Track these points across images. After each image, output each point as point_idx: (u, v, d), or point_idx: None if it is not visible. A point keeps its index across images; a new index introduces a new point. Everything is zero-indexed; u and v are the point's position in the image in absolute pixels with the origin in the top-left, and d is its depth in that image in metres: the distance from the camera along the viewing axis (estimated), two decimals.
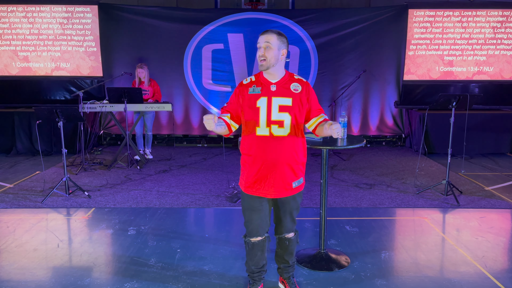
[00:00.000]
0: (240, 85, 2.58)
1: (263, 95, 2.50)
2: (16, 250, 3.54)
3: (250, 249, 2.74)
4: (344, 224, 4.12)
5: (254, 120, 2.50)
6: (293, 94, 2.52)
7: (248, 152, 2.58)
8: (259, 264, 2.78)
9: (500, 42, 7.55)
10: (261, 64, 2.48)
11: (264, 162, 2.53)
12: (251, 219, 2.66)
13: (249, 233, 2.71)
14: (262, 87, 2.52)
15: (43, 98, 7.67)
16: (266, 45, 2.47)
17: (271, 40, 2.47)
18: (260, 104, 2.50)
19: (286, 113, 2.50)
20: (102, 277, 3.12)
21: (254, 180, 2.57)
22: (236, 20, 7.45)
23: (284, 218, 2.71)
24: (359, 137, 3.40)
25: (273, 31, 2.50)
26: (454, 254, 3.49)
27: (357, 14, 7.47)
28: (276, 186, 2.56)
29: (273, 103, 2.49)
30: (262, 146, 2.52)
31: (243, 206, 2.70)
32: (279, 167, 2.54)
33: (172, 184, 5.44)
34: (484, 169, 6.24)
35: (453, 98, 4.74)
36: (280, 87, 2.52)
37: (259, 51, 2.49)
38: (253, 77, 2.60)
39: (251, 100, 2.52)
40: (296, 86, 2.54)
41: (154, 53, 7.52)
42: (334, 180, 5.61)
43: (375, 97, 7.74)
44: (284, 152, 2.53)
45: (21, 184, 5.39)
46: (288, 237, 2.77)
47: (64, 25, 7.44)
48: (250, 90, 2.53)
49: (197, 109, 7.76)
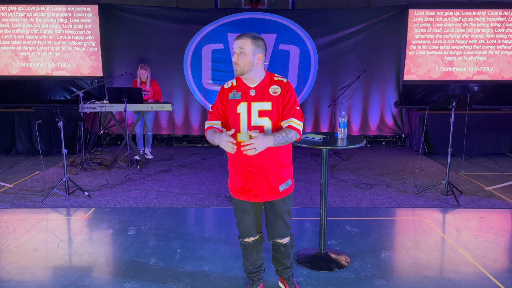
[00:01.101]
0: (222, 89, 2.51)
1: (243, 100, 2.44)
2: (16, 250, 3.54)
3: (244, 250, 2.74)
4: (344, 224, 4.12)
5: (235, 126, 2.44)
6: (272, 97, 2.43)
7: (232, 156, 2.53)
8: (256, 264, 2.79)
9: (500, 42, 7.55)
10: (235, 69, 2.40)
11: (247, 168, 2.48)
12: (242, 220, 2.64)
13: (241, 234, 2.70)
14: (242, 92, 2.45)
15: (43, 98, 7.67)
16: (239, 50, 2.37)
17: (245, 45, 2.36)
18: (240, 109, 2.43)
19: (266, 118, 2.43)
20: (102, 277, 3.12)
21: (240, 185, 2.54)
22: (236, 20, 7.45)
23: (275, 222, 2.64)
24: (359, 137, 3.39)
25: (248, 35, 2.38)
26: (454, 254, 3.49)
27: (357, 14, 7.47)
28: (262, 191, 2.52)
29: (253, 108, 2.42)
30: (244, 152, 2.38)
31: (233, 208, 2.68)
32: (262, 172, 2.48)
33: (172, 184, 5.44)
34: (484, 169, 6.24)
35: (453, 98, 4.74)
36: (259, 92, 2.44)
37: (233, 56, 2.40)
38: (234, 81, 2.52)
39: (231, 105, 2.46)
40: (275, 89, 2.44)
41: (154, 53, 7.53)
42: (334, 180, 5.61)
43: (375, 97, 7.74)
44: (266, 157, 2.45)
45: (21, 184, 5.39)
46: (283, 243, 2.72)
47: (64, 25, 7.45)
48: (230, 95, 2.46)
49: (197, 109, 7.76)
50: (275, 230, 2.67)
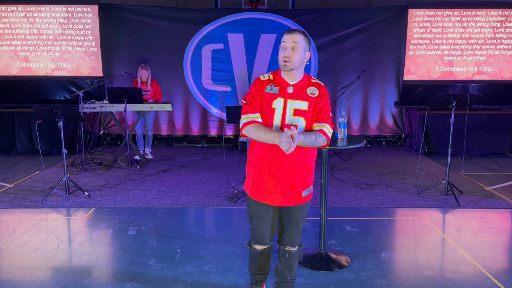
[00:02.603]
0: (259, 81, 2.39)
1: (280, 96, 2.35)
2: (16, 250, 3.54)
3: (253, 256, 2.65)
4: (344, 224, 4.12)
5: (268, 121, 2.36)
6: (310, 98, 2.37)
7: (257, 154, 2.42)
8: (261, 268, 2.72)
9: (500, 42, 7.55)
10: (285, 65, 2.31)
11: (275, 167, 2.39)
12: (258, 227, 2.54)
13: (255, 240, 2.59)
14: (280, 87, 2.37)
15: (43, 98, 7.67)
16: (293, 45, 2.30)
17: (299, 40, 2.31)
18: (276, 105, 2.35)
19: (301, 118, 2.36)
20: (102, 277, 3.12)
21: (262, 186, 2.43)
22: (236, 20, 7.45)
23: (289, 228, 2.55)
24: (359, 137, 3.39)
25: (300, 31, 2.35)
26: (454, 254, 3.49)
27: (357, 14, 7.47)
28: (285, 195, 2.42)
29: (289, 105, 2.35)
30: (274, 150, 2.35)
31: (249, 213, 2.56)
32: (290, 174, 2.39)
33: (172, 184, 5.44)
34: (484, 169, 6.24)
35: (453, 98, 4.74)
36: (297, 90, 2.37)
37: (285, 51, 2.31)
38: (270, 75, 2.42)
39: (267, 98, 2.36)
40: (313, 90, 2.39)
41: (154, 53, 7.53)
42: (334, 180, 5.61)
43: (375, 97, 7.74)
44: (296, 158, 2.38)
45: (21, 184, 5.39)
46: (289, 250, 2.60)
47: (64, 25, 7.44)
48: (267, 88, 2.36)
49: (197, 109, 7.76)
50: (287, 237, 2.58)
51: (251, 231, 2.60)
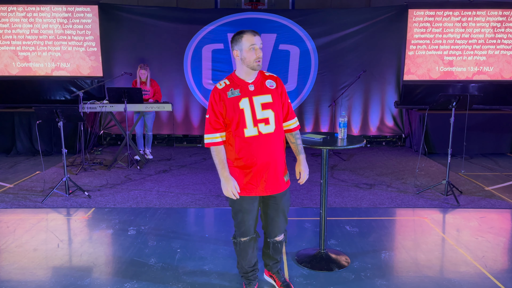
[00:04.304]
0: (216, 91, 2.52)
1: (243, 96, 2.50)
2: (16, 250, 3.54)
3: (241, 249, 2.76)
4: (344, 224, 4.12)
5: (240, 122, 2.49)
6: (271, 90, 2.56)
7: (239, 155, 2.54)
8: (251, 262, 2.82)
9: (500, 42, 7.55)
10: (259, 64, 2.49)
11: (257, 162, 2.53)
12: (244, 221, 2.66)
13: (241, 234, 2.71)
14: (240, 88, 2.51)
15: (43, 98, 7.67)
16: (261, 46, 2.49)
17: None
18: (243, 105, 2.49)
19: (269, 110, 2.53)
20: (102, 277, 3.12)
21: (248, 181, 2.57)
22: (236, 20, 7.45)
23: (277, 218, 2.71)
24: (359, 137, 3.40)
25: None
26: (454, 254, 3.49)
27: (357, 14, 7.47)
28: (271, 183, 2.59)
29: (255, 102, 2.51)
30: (253, 147, 2.51)
31: (234, 209, 2.68)
32: (272, 164, 2.57)
33: (172, 184, 5.44)
34: (484, 169, 6.24)
35: (453, 98, 4.74)
36: (258, 86, 2.54)
37: (259, 52, 2.46)
38: (226, 80, 2.56)
39: (232, 103, 2.49)
40: (271, 83, 2.58)
41: (154, 53, 7.53)
42: (334, 180, 5.61)
43: (375, 97, 7.74)
44: (274, 148, 2.56)
45: (21, 184, 5.39)
46: (280, 240, 2.80)
47: (64, 25, 7.45)
48: (228, 94, 2.50)
49: (197, 109, 7.77)
50: (276, 227, 2.74)
51: (237, 225, 2.71)
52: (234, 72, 2.57)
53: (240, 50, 2.47)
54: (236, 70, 2.56)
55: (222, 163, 2.53)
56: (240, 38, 2.46)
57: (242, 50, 2.46)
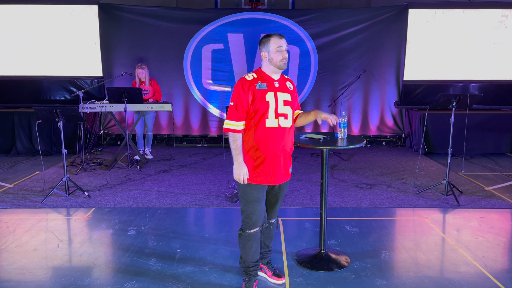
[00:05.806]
0: (245, 81, 2.69)
1: (270, 90, 2.71)
2: (16, 250, 3.54)
3: (246, 242, 2.83)
4: (344, 224, 4.12)
5: (264, 112, 2.67)
6: (290, 90, 2.82)
7: (257, 143, 2.71)
8: (254, 257, 2.89)
9: (500, 42, 7.54)
10: (285, 63, 2.71)
11: (274, 151, 2.72)
12: (255, 210, 2.77)
13: (251, 225, 2.80)
14: (267, 83, 2.72)
15: (43, 98, 7.67)
16: (286, 48, 2.72)
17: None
18: (269, 98, 2.69)
19: (289, 107, 2.76)
20: (102, 277, 3.12)
21: (263, 169, 2.73)
22: (236, 20, 7.45)
23: (276, 203, 2.96)
24: (359, 137, 3.39)
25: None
26: (454, 254, 3.49)
27: (357, 14, 7.47)
28: (281, 173, 2.80)
29: (279, 97, 2.72)
30: (272, 137, 2.71)
31: (246, 199, 2.77)
32: (285, 155, 2.79)
33: (172, 184, 5.43)
34: (484, 169, 6.24)
35: (453, 98, 4.73)
36: (281, 84, 2.79)
37: (285, 53, 2.69)
38: (254, 74, 2.74)
39: (260, 94, 2.68)
40: (289, 85, 2.85)
41: (154, 53, 7.53)
42: (334, 180, 5.61)
43: (375, 97, 7.74)
44: (288, 141, 2.79)
45: (21, 184, 5.39)
46: (272, 222, 3.02)
47: (64, 25, 7.44)
48: (257, 86, 2.69)
49: (197, 109, 7.76)
50: (274, 211, 3.00)
51: (247, 217, 2.80)
52: (260, 68, 2.77)
53: (267, 52, 2.69)
54: (262, 67, 2.76)
55: (238, 149, 2.71)
56: (268, 41, 2.70)
57: (269, 51, 2.68)
